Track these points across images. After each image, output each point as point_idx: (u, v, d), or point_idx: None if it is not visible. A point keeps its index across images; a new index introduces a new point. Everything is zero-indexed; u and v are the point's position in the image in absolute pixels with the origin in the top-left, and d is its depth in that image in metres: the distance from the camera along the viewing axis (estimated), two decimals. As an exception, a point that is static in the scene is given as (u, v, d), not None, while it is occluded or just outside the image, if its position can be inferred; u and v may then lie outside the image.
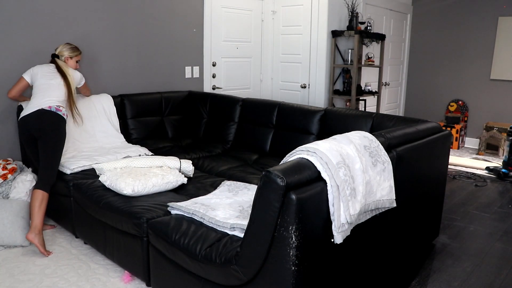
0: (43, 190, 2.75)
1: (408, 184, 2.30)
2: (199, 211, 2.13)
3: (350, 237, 1.72)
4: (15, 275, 2.45)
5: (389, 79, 6.24)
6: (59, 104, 2.92)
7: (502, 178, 4.55)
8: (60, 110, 2.89)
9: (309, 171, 1.59)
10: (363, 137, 1.94)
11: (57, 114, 2.86)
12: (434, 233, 2.92)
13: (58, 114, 2.87)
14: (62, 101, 2.96)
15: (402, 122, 2.85)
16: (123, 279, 2.41)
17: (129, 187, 2.45)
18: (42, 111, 2.83)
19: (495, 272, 2.60)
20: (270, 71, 5.38)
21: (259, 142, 3.66)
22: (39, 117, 2.81)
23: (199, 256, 1.85)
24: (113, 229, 2.44)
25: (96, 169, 2.82)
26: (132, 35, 3.98)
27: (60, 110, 2.90)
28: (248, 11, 5.02)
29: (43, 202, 2.75)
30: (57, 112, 2.87)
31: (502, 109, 5.88)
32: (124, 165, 2.78)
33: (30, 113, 2.82)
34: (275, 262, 1.57)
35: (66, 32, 3.52)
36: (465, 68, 6.13)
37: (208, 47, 4.64)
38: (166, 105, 4.12)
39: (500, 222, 3.39)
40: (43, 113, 2.82)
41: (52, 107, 2.87)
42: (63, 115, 2.90)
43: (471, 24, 5.99)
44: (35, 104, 2.86)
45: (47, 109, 2.84)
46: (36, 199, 2.73)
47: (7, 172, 3.09)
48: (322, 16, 4.79)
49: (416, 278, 2.51)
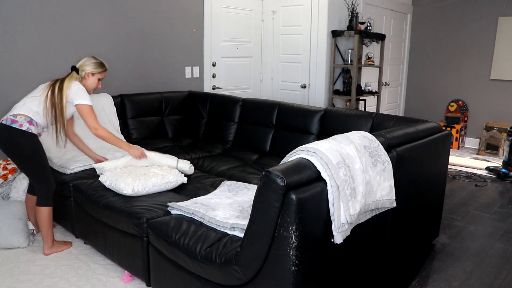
0: (45, 206, 2.62)
1: (408, 184, 2.30)
2: (199, 211, 2.13)
3: (350, 237, 1.72)
4: (15, 275, 2.45)
5: (389, 79, 6.24)
6: (17, 113, 2.49)
7: (502, 178, 4.55)
8: (15, 121, 2.46)
9: (309, 171, 1.59)
10: (363, 137, 1.94)
11: (8, 128, 2.45)
12: (434, 233, 2.92)
13: (10, 127, 2.45)
14: (22, 107, 2.53)
15: (402, 122, 2.85)
16: (123, 279, 2.41)
17: (129, 187, 2.45)
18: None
19: (495, 272, 2.60)
20: (270, 71, 5.38)
21: (259, 142, 3.66)
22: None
23: (199, 256, 1.85)
24: (113, 229, 2.44)
25: (97, 169, 2.81)
26: (132, 35, 3.98)
27: (16, 121, 2.46)
28: (248, 11, 5.03)
29: (49, 217, 2.64)
30: (11, 124, 2.45)
31: (502, 109, 5.88)
32: (124, 165, 2.77)
33: None
34: (275, 262, 1.57)
35: (66, 32, 3.52)
36: (465, 68, 6.13)
37: (208, 47, 4.64)
38: (166, 105, 4.12)
39: (500, 222, 3.39)
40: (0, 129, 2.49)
41: (8, 119, 2.47)
42: (19, 126, 2.45)
43: (471, 24, 5.99)
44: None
45: (3, 123, 2.48)
46: (43, 217, 2.61)
47: (8, 172, 3.10)
48: (322, 16, 4.79)
49: (416, 278, 2.51)
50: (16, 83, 3.25)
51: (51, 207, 2.64)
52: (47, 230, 2.66)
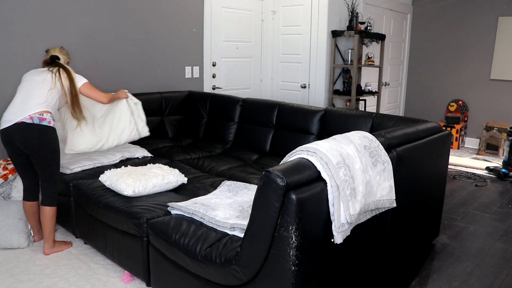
0: (51, 205, 2.63)
1: (408, 184, 2.30)
2: (199, 211, 2.13)
3: (350, 237, 1.72)
4: (15, 275, 2.45)
5: (389, 79, 6.24)
6: (41, 110, 2.52)
7: (502, 178, 4.55)
8: (44, 119, 2.51)
9: (309, 171, 1.59)
10: (363, 137, 1.94)
11: (41, 126, 2.50)
12: (434, 233, 2.92)
13: (43, 126, 2.51)
14: (43, 103, 2.55)
15: (402, 122, 2.85)
16: (123, 279, 2.41)
17: (129, 188, 2.45)
18: (23, 126, 2.48)
19: (495, 272, 2.60)
20: (270, 71, 5.38)
21: (259, 142, 3.66)
22: (23, 133, 2.48)
23: (199, 256, 1.85)
24: (113, 229, 2.44)
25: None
26: (132, 35, 3.98)
27: (44, 118, 2.52)
28: (248, 11, 5.03)
29: (54, 217, 2.65)
30: (41, 123, 2.50)
31: (502, 109, 5.88)
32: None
33: (10, 125, 2.49)
34: (275, 262, 1.57)
35: (66, 32, 3.52)
36: (465, 68, 6.13)
37: (208, 47, 4.64)
38: (166, 105, 4.12)
39: (500, 222, 3.39)
40: (26, 128, 2.48)
41: (34, 118, 2.49)
42: (48, 123, 2.53)
43: (471, 24, 5.99)
44: (14, 114, 2.50)
45: (29, 122, 2.48)
46: (48, 217, 2.62)
47: (8, 172, 3.10)
48: (322, 16, 4.79)
49: (416, 278, 2.51)
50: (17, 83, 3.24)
51: (56, 207, 2.67)
52: (50, 230, 2.66)
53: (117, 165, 3.09)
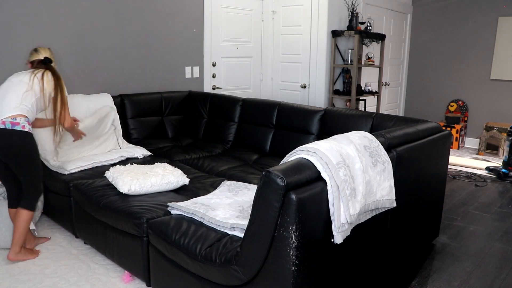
0: (29, 209, 2.51)
1: (408, 184, 2.30)
2: (199, 211, 2.13)
3: (350, 237, 1.72)
4: (15, 275, 2.45)
5: (389, 79, 6.24)
6: (14, 114, 2.37)
7: (502, 178, 4.55)
8: (17, 124, 2.35)
9: (309, 171, 1.59)
10: (363, 137, 1.94)
11: (14, 132, 2.35)
12: (434, 233, 2.92)
13: (16, 131, 2.36)
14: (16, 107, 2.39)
15: (402, 122, 2.85)
16: (123, 279, 2.41)
17: (125, 186, 2.46)
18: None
19: (495, 272, 2.60)
20: (270, 71, 5.38)
21: (259, 142, 3.66)
22: None
23: (199, 256, 1.85)
24: (113, 229, 2.44)
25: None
26: (132, 35, 3.98)
27: (17, 123, 2.36)
28: (248, 11, 5.03)
29: (28, 221, 2.52)
30: (14, 127, 2.35)
31: (502, 109, 5.88)
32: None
33: None
34: (275, 262, 1.57)
35: (65, 32, 3.51)
36: (465, 68, 6.13)
37: (208, 47, 4.64)
38: (166, 105, 4.12)
39: (500, 222, 3.39)
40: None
41: (6, 123, 2.34)
42: (22, 128, 2.37)
43: (471, 24, 5.99)
44: None
45: (1, 127, 2.34)
46: (23, 220, 2.48)
47: (7, 172, 3.09)
48: (322, 16, 4.79)
49: (416, 278, 2.51)
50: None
51: (33, 212, 2.55)
52: (21, 234, 2.51)
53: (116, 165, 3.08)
